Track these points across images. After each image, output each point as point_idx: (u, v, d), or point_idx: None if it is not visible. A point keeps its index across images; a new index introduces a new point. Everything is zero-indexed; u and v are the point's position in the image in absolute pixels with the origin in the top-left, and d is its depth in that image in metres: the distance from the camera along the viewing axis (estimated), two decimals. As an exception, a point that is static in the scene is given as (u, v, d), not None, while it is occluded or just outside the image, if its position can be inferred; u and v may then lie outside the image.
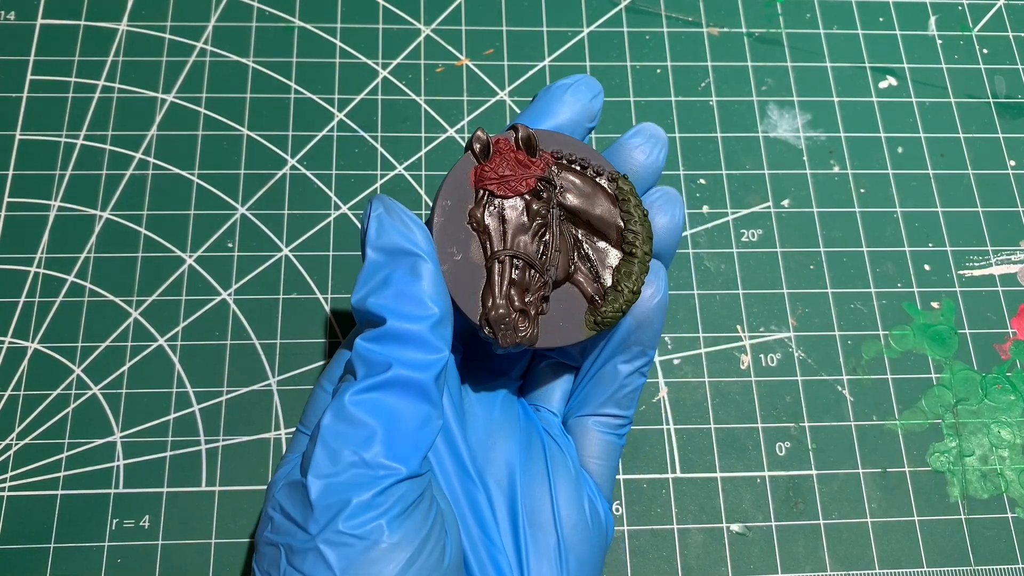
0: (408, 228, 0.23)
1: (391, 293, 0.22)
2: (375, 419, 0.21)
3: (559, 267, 0.25)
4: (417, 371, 0.22)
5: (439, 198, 0.25)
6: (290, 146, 0.38)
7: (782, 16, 0.42)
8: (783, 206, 0.39)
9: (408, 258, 0.23)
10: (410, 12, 0.41)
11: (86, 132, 0.38)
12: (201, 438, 0.34)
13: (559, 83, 0.27)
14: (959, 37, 0.42)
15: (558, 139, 0.26)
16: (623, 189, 0.26)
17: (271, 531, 0.22)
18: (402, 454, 0.21)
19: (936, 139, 0.40)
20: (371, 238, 0.23)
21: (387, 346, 0.22)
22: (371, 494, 0.21)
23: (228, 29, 0.40)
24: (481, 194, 0.25)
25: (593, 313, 0.25)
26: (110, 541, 0.32)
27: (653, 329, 0.26)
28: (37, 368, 0.34)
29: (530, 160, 0.25)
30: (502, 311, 0.24)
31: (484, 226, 0.25)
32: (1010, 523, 0.34)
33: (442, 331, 0.23)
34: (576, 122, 0.27)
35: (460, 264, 0.24)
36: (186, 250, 0.36)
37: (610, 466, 0.28)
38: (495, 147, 0.25)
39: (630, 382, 0.27)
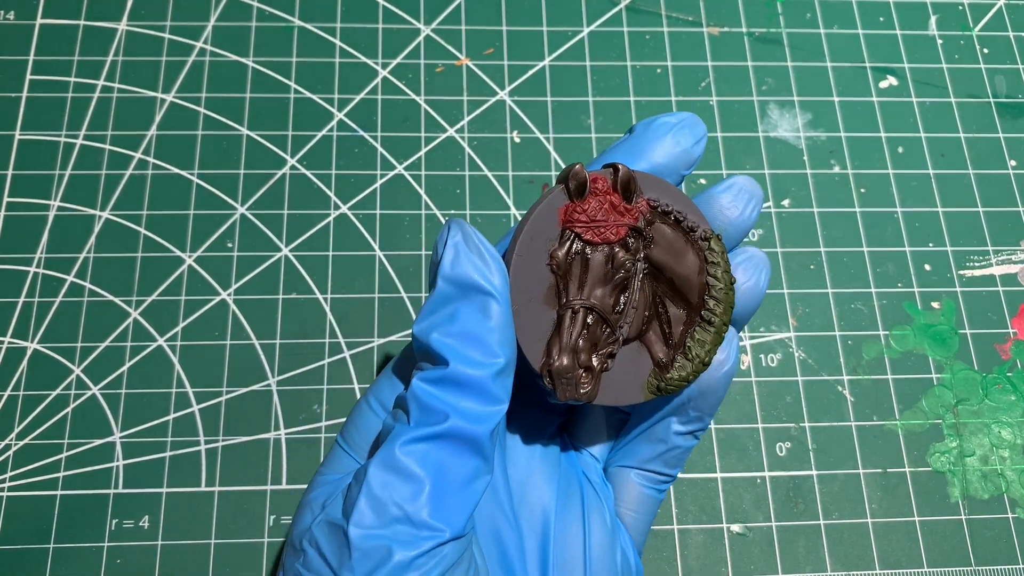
0: (485, 262, 0.22)
1: (457, 331, 0.21)
2: (425, 472, 0.21)
3: (633, 324, 0.24)
4: (474, 424, 0.21)
5: (523, 232, 0.23)
6: (290, 146, 0.38)
7: (782, 16, 0.42)
8: (783, 206, 0.39)
9: (480, 296, 0.22)
10: (410, 12, 0.41)
11: (86, 132, 0.38)
12: (201, 438, 0.34)
13: (662, 120, 0.25)
14: (959, 37, 0.42)
15: (656, 184, 0.24)
16: (715, 251, 0.24)
17: (303, 565, 0.21)
18: (449, 514, 0.21)
19: (936, 139, 0.40)
20: (444, 267, 0.22)
21: (447, 391, 0.21)
22: (413, 555, 0.20)
23: (228, 29, 0.40)
24: (567, 235, 0.23)
25: (657, 378, 0.24)
26: (110, 541, 0.32)
27: (716, 397, 0.25)
28: (37, 368, 0.34)
29: (625, 207, 0.24)
30: (567, 364, 0.23)
31: (565, 270, 0.23)
32: (1010, 523, 0.34)
33: (504, 381, 0.22)
34: (671, 168, 0.25)
35: (531, 305, 0.23)
36: (186, 250, 0.36)
37: (646, 520, 0.27)
38: (591, 186, 0.23)
39: (682, 443, 0.26)
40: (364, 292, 0.36)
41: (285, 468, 0.33)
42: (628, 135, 0.26)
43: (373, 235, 0.37)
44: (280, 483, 0.33)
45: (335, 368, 0.35)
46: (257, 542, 0.32)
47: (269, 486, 0.33)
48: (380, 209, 0.38)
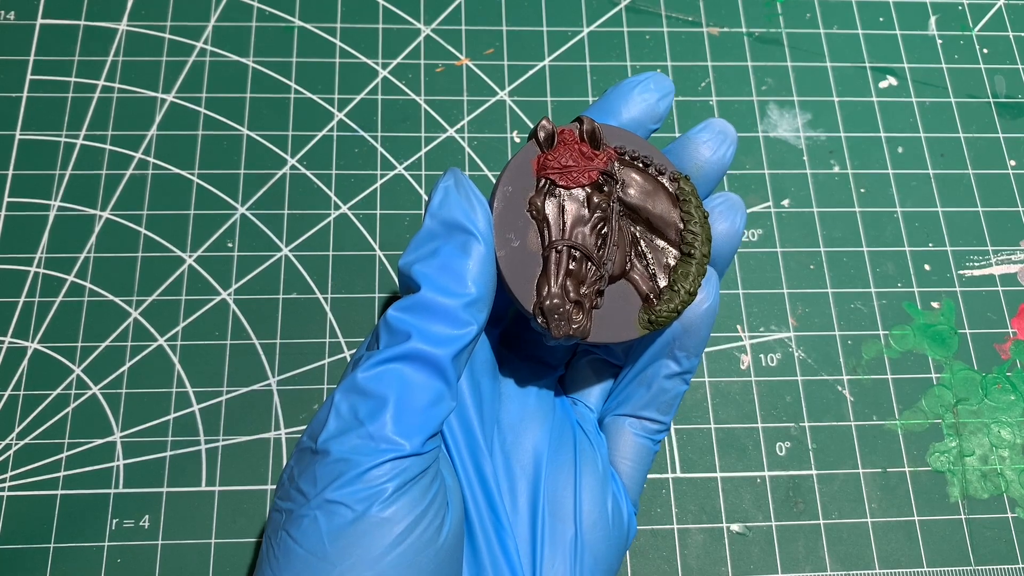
0: (471, 206, 0.23)
1: (436, 264, 0.23)
2: (386, 391, 0.21)
3: (616, 262, 0.25)
4: (437, 346, 0.22)
5: (500, 183, 0.24)
6: (290, 146, 0.38)
7: (782, 16, 0.42)
8: (783, 206, 0.39)
9: (462, 235, 0.23)
10: (410, 12, 0.41)
11: (86, 132, 0.38)
12: (201, 438, 0.34)
13: (630, 79, 0.27)
14: (959, 37, 0.42)
15: (622, 135, 0.26)
16: (684, 189, 0.25)
17: (280, 496, 0.22)
18: (408, 430, 0.21)
19: (936, 139, 0.40)
20: (433, 206, 0.23)
21: (415, 316, 0.22)
22: (369, 466, 0.21)
23: (228, 29, 0.40)
24: (542, 183, 0.25)
25: (647, 312, 0.25)
26: (110, 541, 0.32)
27: (700, 336, 0.26)
28: (37, 368, 0.34)
29: (593, 153, 0.25)
30: (557, 301, 0.24)
31: (544, 215, 0.24)
32: (1010, 523, 0.34)
33: (475, 312, 0.23)
34: (640, 122, 0.26)
35: (517, 251, 0.24)
36: (186, 250, 0.36)
37: (641, 469, 0.28)
38: (559, 137, 0.25)
39: (672, 387, 0.27)
40: (364, 292, 0.36)
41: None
42: (600, 97, 0.27)
43: (373, 235, 0.37)
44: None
45: (335, 368, 0.35)
46: (257, 542, 0.32)
47: (269, 486, 0.33)
48: (380, 209, 0.38)
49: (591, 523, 0.25)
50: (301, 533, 0.21)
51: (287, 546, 0.21)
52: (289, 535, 0.21)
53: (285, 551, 0.21)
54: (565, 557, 0.25)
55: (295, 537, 0.21)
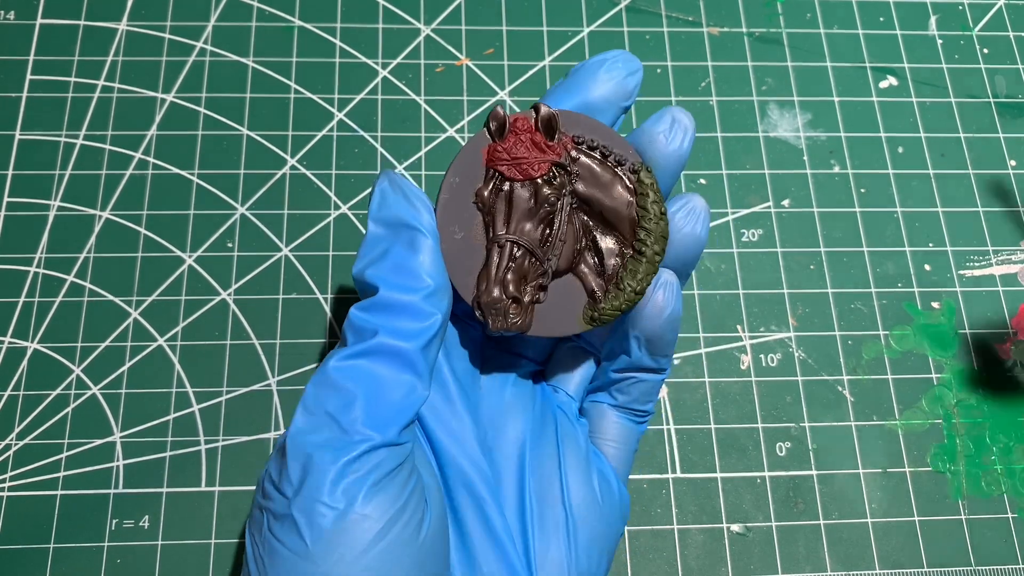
0: (410, 202, 0.23)
1: (388, 265, 0.23)
2: (356, 385, 0.22)
3: (562, 257, 0.25)
4: (404, 340, 0.22)
5: (448, 174, 0.24)
6: (290, 146, 0.38)
7: (782, 16, 0.42)
8: (783, 206, 0.39)
9: (408, 232, 0.23)
10: (410, 12, 0.41)
11: (86, 132, 0.38)
12: (201, 438, 0.34)
13: (595, 58, 0.26)
14: (959, 37, 0.42)
15: (583, 122, 0.25)
16: (643, 183, 0.24)
17: (261, 495, 0.22)
18: (381, 422, 0.21)
19: (936, 139, 0.40)
20: (373, 210, 0.23)
21: (377, 315, 0.22)
22: (344, 460, 0.21)
23: (228, 29, 0.40)
24: (491, 174, 0.24)
25: (591, 308, 0.25)
26: (110, 541, 0.32)
27: (667, 341, 0.26)
28: (37, 368, 0.34)
29: (547, 144, 0.24)
30: (494, 296, 0.24)
31: (490, 207, 0.24)
32: (1010, 523, 0.34)
33: (436, 302, 0.23)
34: (609, 101, 0.25)
35: (460, 243, 0.24)
36: (186, 250, 0.36)
37: (627, 450, 0.28)
38: (512, 126, 0.24)
39: (649, 381, 0.27)
40: (364, 292, 0.36)
41: (285, 468, 0.33)
42: (566, 76, 0.27)
43: (373, 235, 0.37)
44: (280, 483, 0.33)
45: (335, 368, 0.35)
46: (257, 542, 0.32)
47: (269, 486, 0.33)
48: (380, 209, 0.37)
49: (580, 503, 0.25)
50: (284, 533, 0.21)
51: (271, 546, 0.21)
52: (273, 535, 0.21)
53: (270, 551, 0.21)
54: (559, 540, 0.25)
55: (278, 537, 0.21)
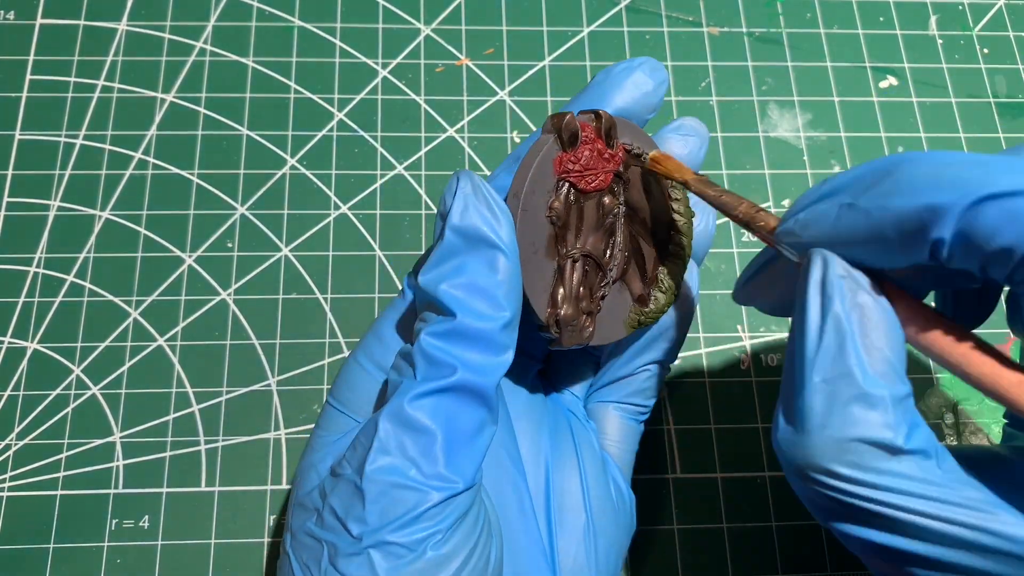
0: (494, 215, 0.22)
1: (464, 283, 0.21)
2: (435, 425, 0.21)
3: (618, 266, 0.25)
4: (481, 376, 0.21)
5: (525, 186, 0.23)
6: (290, 146, 0.38)
7: (782, 16, 0.42)
8: (784, 206, 0.39)
9: (488, 249, 0.21)
10: (410, 12, 0.41)
11: (85, 132, 0.38)
12: (201, 438, 0.34)
13: (621, 66, 0.26)
14: (960, 37, 0.42)
15: (626, 126, 0.24)
16: (677, 188, 0.25)
17: (316, 524, 0.21)
18: (460, 465, 0.21)
19: (937, 139, 0.40)
20: (453, 218, 0.22)
21: (454, 344, 0.21)
22: (427, 507, 0.20)
23: (228, 29, 0.40)
24: (561, 185, 0.23)
25: (638, 312, 0.25)
26: (110, 541, 0.32)
27: (684, 330, 0.27)
28: (37, 368, 0.34)
29: (609, 153, 0.24)
30: (572, 312, 0.23)
31: (563, 220, 0.23)
32: (1010, 523, 0.34)
33: (510, 333, 0.22)
34: (634, 113, 0.25)
35: (532, 258, 0.23)
36: (186, 250, 0.36)
37: (629, 450, 0.28)
38: (582, 135, 0.23)
39: (655, 374, 0.27)
40: (364, 292, 0.36)
41: (285, 468, 0.33)
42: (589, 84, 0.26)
43: (373, 235, 0.37)
44: (280, 483, 0.33)
45: (335, 368, 0.35)
46: (257, 542, 0.32)
47: (269, 486, 0.33)
48: (380, 209, 0.38)
49: (599, 509, 0.26)
50: (354, 571, 0.20)
51: None
52: (339, 571, 0.20)
53: None
54: (580, 545, 0.25)
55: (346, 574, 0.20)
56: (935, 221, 0.18)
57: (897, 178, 0.19)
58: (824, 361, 0.19)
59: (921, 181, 0.18)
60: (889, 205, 0.19)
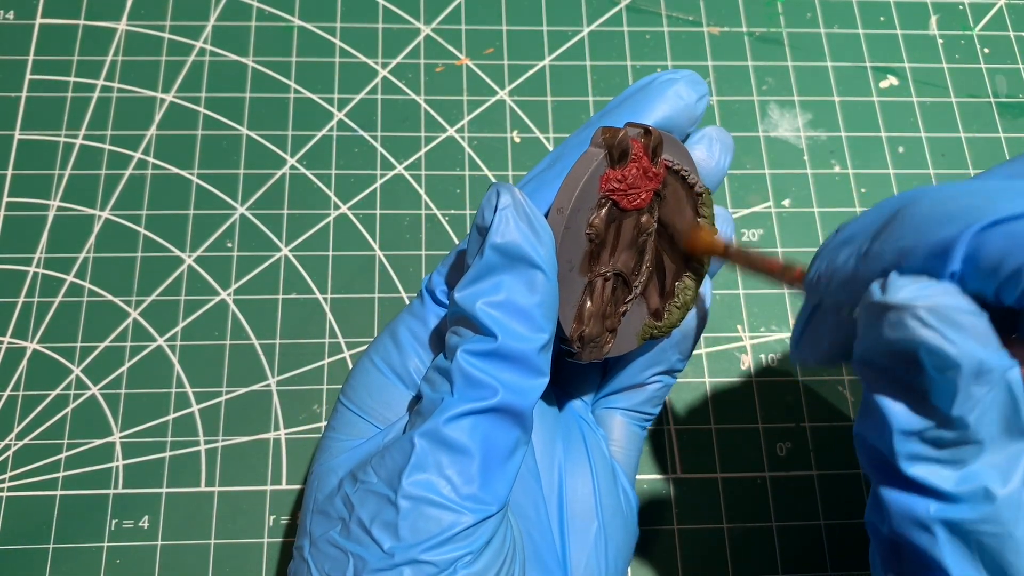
0: (536, 234, 0.21)
1: (503, 303, 0.21)
2: (472, 445, 0.21)
3: (643, 283, 0.24)
4: (519, 397, 0.21)
5: (572, 203, 0.22)
6: (290, 146, 0.38)
7: (783, 16, 0.42)
8: (784, 206, 0.39)
9: (528, 268, 0.21)
10: (410, 11, 0.41)
11: (85, 132, 0.38)
12: (200, 438, 0.34)
13: (662, 77, 0.25)
14: (960, 37, 0.42)
15: (670, 143, 0.24)
16: (706, 204, 0.25)
17: (341, 535, 0.21)
18: (494, 487, 0.21)
19: (937, 139, 0.40)
20: (494, 236, 0.21)
21: (494, 365, 0.21)
22: (461, 528, 0.20)
23: (228, 29, 0.40)
24: (604, 202, 0.23)
25: (652, 326, 0.25)
26: (109, 541, 0.32)
27: (692, 340, 0.27)
28: (36, 368, 0.34)
29: (654, 171, 0.23)
30: (597, 330, 0.23)
31: (602, 238, 0.23)
32: (1011, 523, 0.34)
33: (546, 355, 0.22)
34: (675, 126, 0.25)
35: (567, 274, 0.23)
36: (185, 250, 0.36)
37: (634, 455, 0.28)
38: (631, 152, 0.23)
39: (662, 384, 0.28)
40: (364, 292, 0.36)
41: (285, 468, 0.33)
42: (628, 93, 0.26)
43: (373, 235, 0.37)
44: (280, 483, 0.33)
45: (335, 368, 0.35)
46: (257, 542, 0.32)
47: (269, 486, 0.33)
48: (380, 209, 0.38)
49: (610, 515, 0.26)
50: None
51: None
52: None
53: None
54: (591, 551, 0.25)
55: None
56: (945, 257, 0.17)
57: (902, 220, 0.19)
58: None
59: (925, 220, 0.18)
60: (900, 248, 0.18)
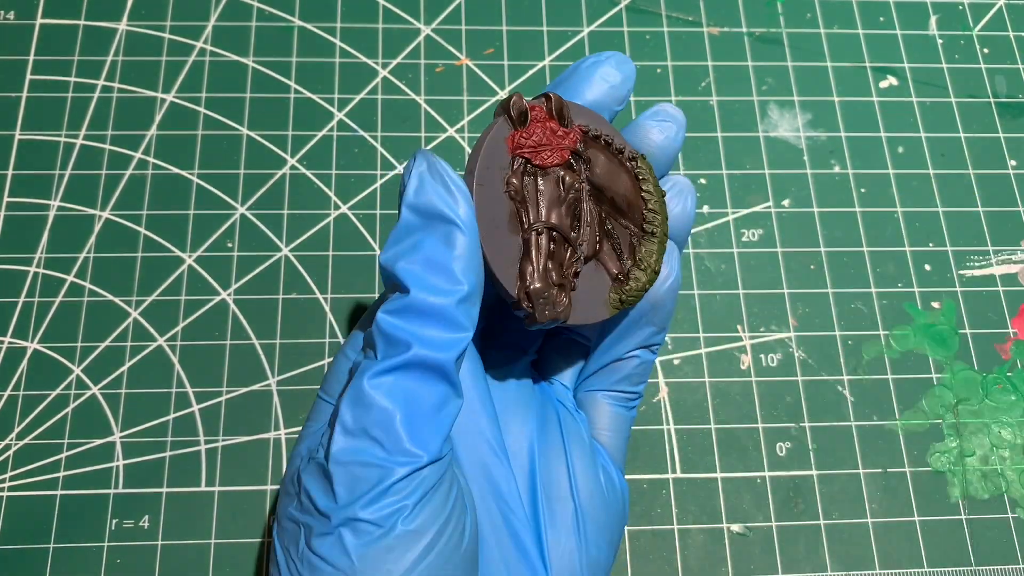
0: (450, 192, 0.22)
1: (420, 259, 0.22)
2: (393, 403, 0.21)
3: (588, 243, 0.25)
4: (438, 351, 0.21)
5: (479, 161, 0.23)
6: (290, 146, 0.38)
7: (782, 16, 0.42)
8: (783, 206, 0.39)
9: (444, 225, 0.22)
10: (410, 12, 0.41)
11: (86, 132, 0.38)
12: (200, 438, 0.34)
13: (589, 60, 0.26)
14: (960, 37, 0.42)
15: (584, 113, 0.25)
16: (642, 168, 0.25)
17: (295, 508, 0.22)
18: (422, 439, 0.21)
19: (937, 139, 0.40)
20: (408, 196, 0.22)
21: (410, 321, 0.21)
22: (391, 481, 0.20)
23: (228, 29, 0.40)
24: (517, 162, 0.24)
25: (617, 292, 0.25)
26: (110, 541, 0.32)
27: (667, 310, 0.27)
28: (37, 368, 0.34)
29: (564, 131, 0.24)
30: (541, 284, 0.23)
31: (521, 195, 0.24)
32: (1011, 523, 0.34)
33: (468, 308, 0.22)
34: (603, 104, 0.26)
35: (496, 234, 0.23)
36: (186, 250, 0.36)
37: (622, 437, 0.28)
38: (531, 114, 0.24)
39: (642, 360, 0.27)
40: (364, 292, 0.36)
41: (285, 468, 0.33)
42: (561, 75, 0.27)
43: (373, 235, 0.37)
44: (280, 483, 0.33)
45: (335, 368, 0.35)
46: (257, 542, 0.32)
47: (269, 486, 0.33)
48: (380, 209, 0.38)
49: (587, 496, 0.26)
50: (327, 550, 0.20)
51: (311, 562, 0.21)
52: (313, 552, 0.21)
53: (310, 568, 0.21)
54: (569, 533, 0.25)
55: (321, 554, 0.21)
56: None
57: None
58: None
59: None
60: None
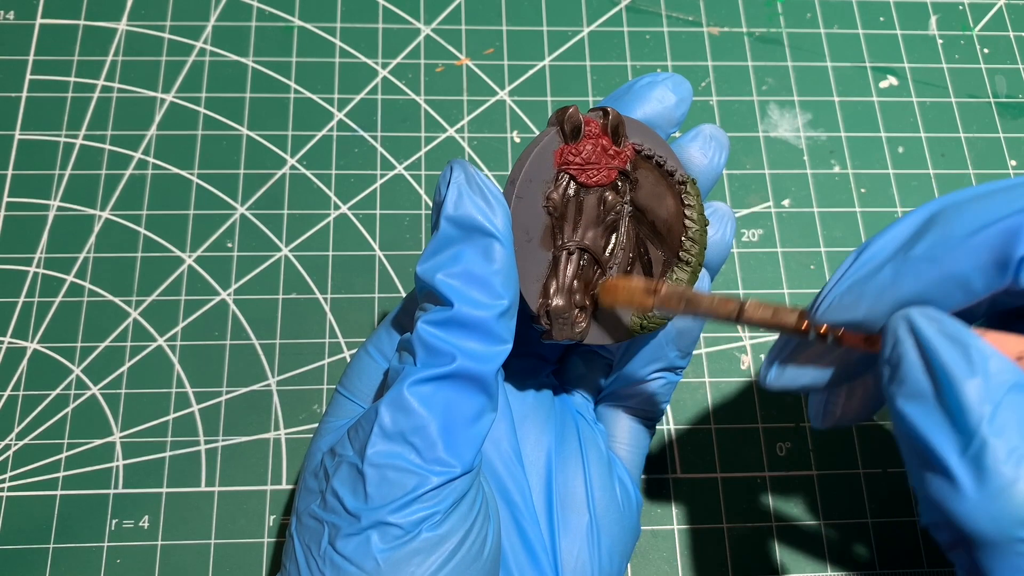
0: (488, 204, 0.22)
1: (460, 272, 0.22)
2: (433, 412, 0.21)
3: (620, 265, 0.25)
4: (479, 364, 0.21)
5: (522, 174, 0.23)
6: (290, 146, 0.38)
7: (782, 16, 0.42)
8: (784, 206, 0.39)
9: (483, 237, 0.22)
10: (410, 12, 0.41)
11: (85, 132, 0.38)
12: (200, 438, 0.34)
13: (645, 79, 0.26)
14: (960, 37, 0.42)
15: (641, 130, 0.25)
16: (691, 194, 0.25)
17: (319, 506, 0.22)
18: (457, 449, 0.21)
19: (937, 139, 0.40)
20: (447, 208, 0.22)
21: (452, 333, 0.21)
22: (426, 489, 0.21)
23: (228, 29, 0.40)
24: (561, 177, 0.24)
25: (641, 316, 0.25)
26: (109, 541, 0.32)
27: (692, 337, 0.27)
28: (36, 368, 0.34)
29: (615, 149, 0.24)
30: (563, 304, 0.23)
31: (560, 212, 0.23)
32: (1011, 523, 0.34)
33: (507, 322, 0.22)
34: (655, 126, 0.26)
35: (527, 247, 0.23)
36: (185, 250, 0.36)
37: (639, 453, 0.28)
38: (584, 129, 0.24)
39: (667, 381, 0.27)
40: (364, 292, 0.36)
41: (285, 468, 0.33)
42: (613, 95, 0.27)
43: (373, 235, 0.37)
44: (280, 483, 0.33)
45: (335, 368, 0.35)
46: (257, 542, 0.32)
47: (269, 486, 0.33)
48: (380, 209, 0.38)
49: (603, 509, 0.26)
50: (352, 551, 0.21)
51: (335, 562, 0.21)
52: (336, 551, 0.21)
53: (332, 567, 0.21)
54: (583, 544, 0.25)
55: (345, 554, 0.21)
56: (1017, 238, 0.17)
57: (951, 218, 0.18)
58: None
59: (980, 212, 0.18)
60: (957, 241, 0.18)
